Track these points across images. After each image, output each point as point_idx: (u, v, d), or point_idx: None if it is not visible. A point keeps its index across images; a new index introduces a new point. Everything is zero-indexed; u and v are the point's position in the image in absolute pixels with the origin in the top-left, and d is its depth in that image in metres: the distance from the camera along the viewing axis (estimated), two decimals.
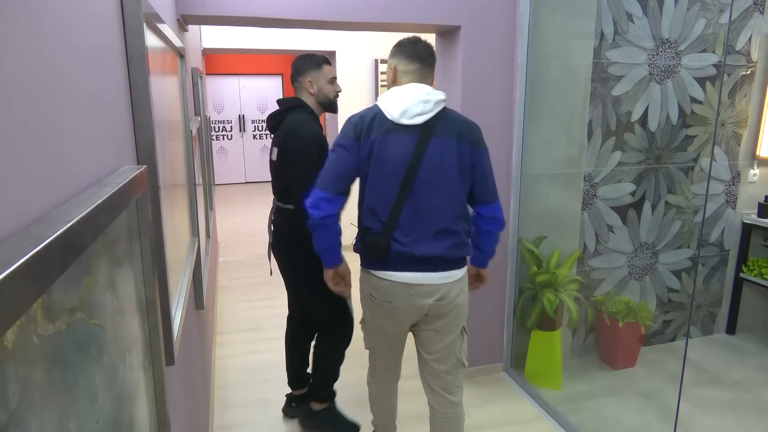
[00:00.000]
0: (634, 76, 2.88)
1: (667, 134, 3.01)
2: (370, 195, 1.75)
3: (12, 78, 0.47)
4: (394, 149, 1.69)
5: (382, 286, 1.78)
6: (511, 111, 2.72)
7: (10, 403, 0.37)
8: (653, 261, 3.15)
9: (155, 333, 0.92)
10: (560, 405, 2.63)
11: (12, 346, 0.37)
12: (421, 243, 1.72)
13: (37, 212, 0.51)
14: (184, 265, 1.60)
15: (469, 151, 1.74)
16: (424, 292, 1.75)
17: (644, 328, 2.95)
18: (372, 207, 1.75)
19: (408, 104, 1.70)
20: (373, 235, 1.75)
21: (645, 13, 2.83)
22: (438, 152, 1.70)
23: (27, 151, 0.50)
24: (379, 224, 1.74)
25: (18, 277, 0.36)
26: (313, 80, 2.23)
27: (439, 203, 1.72)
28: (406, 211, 1.71)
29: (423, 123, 1.70)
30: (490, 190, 1.82)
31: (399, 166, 1.69)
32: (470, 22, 2.58)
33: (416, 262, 1.73)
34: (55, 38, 0.61)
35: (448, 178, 1.72)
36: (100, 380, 0.60)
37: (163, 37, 1.45)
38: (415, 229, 1.72)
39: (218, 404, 2.72)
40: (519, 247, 2.84)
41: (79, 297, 0.54)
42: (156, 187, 1.07)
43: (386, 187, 1.71)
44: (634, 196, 3.03)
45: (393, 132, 1.70)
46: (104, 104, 0.81)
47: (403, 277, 1.75)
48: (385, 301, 1.79)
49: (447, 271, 1.76)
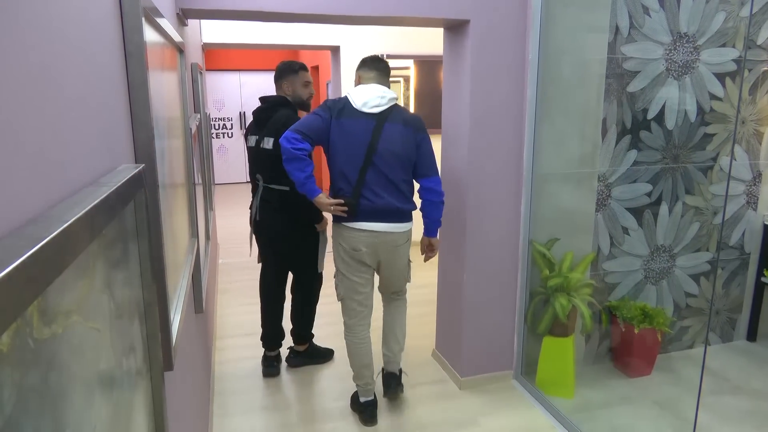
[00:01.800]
0: (650, 71, 2.78)
1: (685, 132, 2.90)
2: (341, 162, 2.31)
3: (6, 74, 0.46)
4: (358, 129, 2.29)
5: (352, 236, 2.36)
6: (522, 108, 2.63)
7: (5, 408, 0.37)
8: (670, 264, 3.05)
9: (153, 337, 0.91)
10: (573, 414, 2.55)
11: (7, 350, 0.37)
12: (382, 199, 2.31)
13: (33, 212, 0.51)
14: (182, 268, 1.58)
15: (413, 134, 2.35)
16: (386, 240, 2.38)
17: (661, 334, 2.85)
18: (343, 172, 2.31)
19: (368, 98, 2.31)
20: (345, 195, 2.31)
21: (662, 6, 2.73)
22: (390, 133, 2.31)
23: (22, 149, 0.49)
24: (349, 186, 2.31)
25: (14, 278, 0.36)
26: (289, 83, 2.76)
27: (393, 170, 2.31)
28: (370, 175, 2.30)
29: (379, 112, 2.31)
30: (430, 165, 2.39)
31: (362, 142, 2.28)
32: (479, 16, 2.50)
33: (379, 214, 2.33)
34: (50, 33, 0.60)
35: (398, 152, 2.31)
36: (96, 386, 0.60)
37: (162, 31, 1.43)
38: (377, 187, 2.31)
39: (218, 411, 2.64)
40: (530, 249, 2.76)
41: (76, 300, 0.54)
42: (155, 187, 1.06)
43: (354, 157, 2.29)
44: (650, 197, 2.93)
45: (356, 116, 2.30)
46: (101, 101, 0.80)
47: (369, 226, 2.34)
48: (354, 248, 2.37)
49: (400, 222, 2.38)
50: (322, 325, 3.40)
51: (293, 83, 2.76)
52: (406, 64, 5.07)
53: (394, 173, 2.31)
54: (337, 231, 2.41)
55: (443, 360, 3.03)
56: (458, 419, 2.57)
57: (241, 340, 3.43)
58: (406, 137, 2.32)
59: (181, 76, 1.95)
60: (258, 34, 4.75)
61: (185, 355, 1.62)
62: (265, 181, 2.73)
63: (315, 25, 4.79)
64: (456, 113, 2.71)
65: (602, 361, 3.06)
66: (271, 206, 2.73)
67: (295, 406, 2.70)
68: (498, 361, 2.89)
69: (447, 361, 2.99)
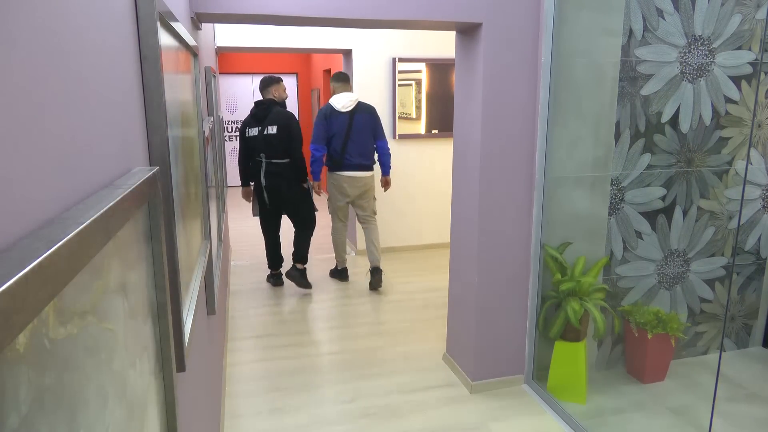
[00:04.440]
0: (664, 74, 2.75)
1: (700, 136, 2.87)
2: (334, 141, 4.00)
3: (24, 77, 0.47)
4: (340, 122, 3.97)
5: (339, 180, 4.08)
6: (535, 111, 2.62)
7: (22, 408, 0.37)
8: (684, 269, 3.01)
9: (166, 338, 0.91)
10: (585, 420, 2.53)
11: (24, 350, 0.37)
12: (356, 158, 4.02)
13: (49, 214, 0.51)
14: (195, 269, 1.59)
15: (370, 118, 4.04)
16: (359, 183, 4.09)
17: (674, 340, 2.82)
18: (334, 146, 4.01)
19: (342, 102, 3.97)
20: (336, 156, 4.03)
21: (676, 9, 2.70)
22: (358, 121, 3.99)
23: (39, 152, 0.50)
24: (338, 153, 4.02)
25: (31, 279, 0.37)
26: (276, 89, 4.04)
27: (362, 142, 4.01)
28: (349, 146, 3.99)
29: (350, 110, 3.98)
30: (381, 134, 4.11)
31: (343, 129, 3.97)
32: (492, 19, 2.49)
33: (354, 166, 4.03)
34: (67, 37, 0.60)
35: (364, 131, 4.01)
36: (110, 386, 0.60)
37: (177, 35, 1.44)
38: (353, 152, 4.01)
39: (229, 413, 2.66)
40: (542, 253, 2.74)
41: (91, 301, 0.54)
42: (168, 189, 1.06)
43: (339, 137, 3.99)
44: (664, 201, 2.90)
45: (337, 115, 3.98)
46: (117, 104, 0.81)
47: (349, 174, 4.05)
48: (341, 186, 4.10)
49: (365, 171, 4.08)
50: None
51: (278, 89, 4.04)
52: (418, 67, 5.07)
53: (361, 143, 4.02)
54: (331, 178, 4.12)
55: (454, 364, 3.02)
56: (468, 423, 2.56)
57: (252, 342, 3.45)
58: (366, 121, 4.02)
59: (195, 80, 1.97)
60: (271, 38, 4.78)
61: (197, 356, 1.63)
62: (268, 157, 3.95)
63: (327, 28, 4.81)
64: (468, 116, 2.70)
65: (615, 367, 3.03)
66: (274, 174, 3.96)
67: (305, 408, 2.70)
68: (509, 365, 2.87)
69: (458, 364, 2.98)
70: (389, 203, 5.20)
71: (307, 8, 2.33)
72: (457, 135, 2.84)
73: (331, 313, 3.92)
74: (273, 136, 3.87)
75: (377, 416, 2.62)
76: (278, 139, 3.87)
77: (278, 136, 3.86)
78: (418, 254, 5.27)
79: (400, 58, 4.99)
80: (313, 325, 3.71)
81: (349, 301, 4.13)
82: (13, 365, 0.36)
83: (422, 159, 5.25)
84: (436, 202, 5.35)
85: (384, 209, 5.15)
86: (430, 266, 4.90)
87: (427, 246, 5.44)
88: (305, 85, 9.24)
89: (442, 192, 5.33)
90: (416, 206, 5.32)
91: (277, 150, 3.90)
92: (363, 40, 4.94)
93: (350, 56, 5.01)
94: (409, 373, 3.03)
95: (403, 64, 5.01)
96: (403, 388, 2.88)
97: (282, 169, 3.94)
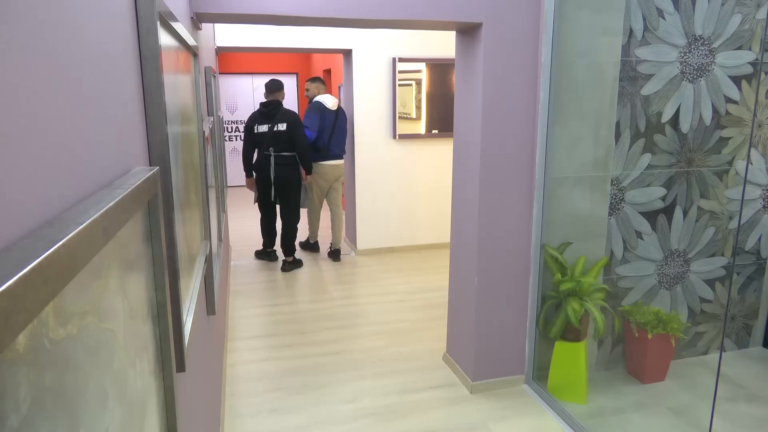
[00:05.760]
0: (664, 74, 2.75)
1: (700, 136, 2.87)
2: (322, 133, 4.74)
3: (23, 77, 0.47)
4: (329, 117, 4.76)
5: (323, 168, 4.84)
6: (535, 111, 2.62)
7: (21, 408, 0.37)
8: (685, 269, 3.01)
9: (166, 339, 0.91)
10: (585, 420, 2.53)
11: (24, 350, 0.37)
12: (337, 148, 4.85)
13: (49, 214, 0.51)
14: (195, 270, 1.59)
15: (344, 116, 4.87)
16: (338, 170, 4.92)
17: (675, 340, 2.82)
18: (323, 138, 4.75)
19: (330, 102, 4.78)
20: (323, 147, 4.78)
21: (677, 9, 2.70)
22: (340, 117, 4.84)
23: (38, 151, 0.50)
24: (324, 143, 4.76)
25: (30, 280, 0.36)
26: (282, 94, 4.69)
27: (342, 136, 4.87)
28: (333, 138, 4.80)
29: (335, 108, 4.80)
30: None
31: (330, 123, 4.78)
32: (492, 19, 2.49)
33: (335, 156, 4.86)
34: (67, 37, 0.60)
35: (342, 126, 4.86)
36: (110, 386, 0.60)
37: (177, 35, 1.44)
38: (337, 143, 4.83)
39: (229, 413, 2.66)
40: (542, 253, 2.74)
41: (91, 301, 0.54)
42: (168, 189, 1.06)
43: (326, 130, 4.76)
44: (664, 201, 2.90)
45: (327, 112, 4.77)
46: (116, 104, 0.81)
47: (332, 162, 4.86)
48: (324, 174, 4.87)
49: (342, 159, 4.93)
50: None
51: (282, 94, 4.73)
52: (418, 67, 5.07)
53: (341, 137, 4.85)
54: (316, 168, 4.81)
55: (454, 364, 3.02)
56: (468, 424, 2.56)
57: (252, 342, 3.45)
58: (344, 118, 4.87)
59: (195, 80, 1.96)
60: (271, 38, 4.78)
61: (197, 356, 1.63)
62: (276, 151, 4.57)
63: (327, 28, 4.81)
64: (468, 116, 2.70)
65: (615, 367, 3.03)
66: (283, 165, 4.59)
67: (306, 408, 2.70)
68: (509, 365, 2.87)
69: (458, 364, 2.98)
70: (389, 203, 5.20)
71: (307, 8, 2.32)
72: (457, 135, 2.84)
73: (331, 314, 3.92)
74: (282, 132, 4.54)
75: (377, 416, 2.62)
76: (287, 135, 4.54)
77: (287, 132, 4.53)
78: (418, 254, 5.27)
79: (400, 58, 4.99)
80: (313, 325, 3.71)
81: (349, 301, 4.13)
82: (13, 365, 0.36)
83: (422, 159, 5.25)
84: (436, 202, 5.35)
85: (384, 209, 5.15)
86: (430, 266, 4.90)
87: (426, 246, 5.44)
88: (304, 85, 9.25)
89: (442, 192, 5.33)
90: (416, 206, 5.32)
91: (285, 144, 4.56)
92: (363, 40, 4.94)
93: (350, 56, 5.01)
94: (409, 373, 3.02)
95: (403, 64, 5.01)
96: (403, 388, 2.88)
97: (289, 161, 4.63)
